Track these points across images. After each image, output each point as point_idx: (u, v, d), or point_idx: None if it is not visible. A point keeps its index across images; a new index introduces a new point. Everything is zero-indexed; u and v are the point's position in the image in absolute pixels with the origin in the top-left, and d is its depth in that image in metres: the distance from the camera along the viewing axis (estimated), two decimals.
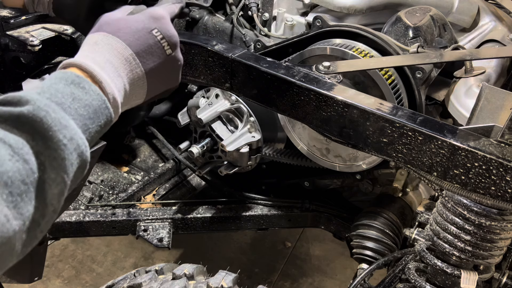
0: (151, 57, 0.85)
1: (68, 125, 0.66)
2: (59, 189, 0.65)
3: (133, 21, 0.85)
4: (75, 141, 0.66)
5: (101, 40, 0.82)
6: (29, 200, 0.60)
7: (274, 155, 1.65)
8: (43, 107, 0.64)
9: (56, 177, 0.64)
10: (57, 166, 0.64)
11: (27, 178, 0.60)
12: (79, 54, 0.81)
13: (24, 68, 1.76)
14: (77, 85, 0.72)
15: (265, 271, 2.62)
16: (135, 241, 2.62)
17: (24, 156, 0.60)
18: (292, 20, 1.61)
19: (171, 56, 0.88)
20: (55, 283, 2.45)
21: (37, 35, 1.67)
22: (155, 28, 0.86)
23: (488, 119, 0.98)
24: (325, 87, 1.04)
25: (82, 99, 0.71)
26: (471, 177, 0.89)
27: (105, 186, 1.93)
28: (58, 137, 0.64)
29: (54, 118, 0.65)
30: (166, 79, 0.89)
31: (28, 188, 0.60)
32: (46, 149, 0.63)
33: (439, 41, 1.35)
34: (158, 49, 0.85)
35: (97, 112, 0.72)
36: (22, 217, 0.59)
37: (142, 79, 0.84)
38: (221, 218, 1.81)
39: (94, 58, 0.78)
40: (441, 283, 1.14)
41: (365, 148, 1.02)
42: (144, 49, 0.83)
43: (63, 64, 0.77)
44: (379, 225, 1.54)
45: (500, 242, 1.05)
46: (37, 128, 0.63)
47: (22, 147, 0.61)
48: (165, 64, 0.87)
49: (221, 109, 1.58)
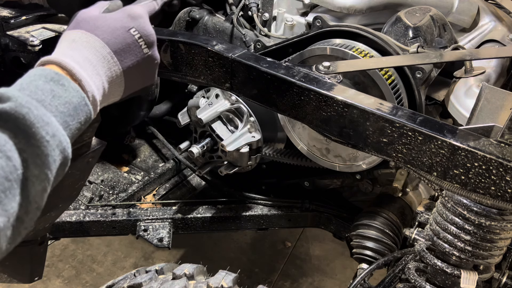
0: (128, 56, 0.85)
1: (50, 122, 0.66)
2: (42, 186, 0.66)
3: (111, 19, 0.85)
4: (57, 137, 0.67)
5: (79, 37, 0.82)
6: (13, 197, 0.60)
7: (274, 155, 1.65)
8: (25, 104, 0.64)
9: (39, 173, 0.64)
10: (40, 163, 0.64)
11: (11, 174, 0.60)
12: (57, 51, 0.80)
13: (24, 68, 1.76)
14: (57, 82, 0.72)
15: (265, 271, 2.62)
16: (135, 241, 2.62)
17: (7, 153, 0.60)
18: (292, 20, 1.61)
19: (148, 55, 0.89)
20: (55, 283, 2.45)
21: (37, 35, 1.67)
22: (133, 27, 0.86)
23: (488, 119, 0.98)
24: (325, 87, 1.04)
25: (62, 96, 0.71)
26: (471, 177, 0.89)
27: (105, 186, 1.93)
28: (41, 133, 0.64)
29: (37, 115, 0.65)
30: (143, 77, 0.90)
31: (11, 184, 0.60)
32: (29, 146, 0.63)
33: (439, 41, 1.35)
34: (136, 47, 0.86)
35: (77, 109, 0.72)
36: (6, 213, 0.59)
37: (120, 77, 0.85)
38: (221, 218, 1.81)
39: (73, 56, 0.78)
40: (441, 283, 1.14)
41: (365, 148, 1.02)
42: (122, 48, 0.84)
43: (41, 61, 0.77)
44: (379, 225, 1.54)
45: (500, 242, 1.05)
46: (20, 125, 0.63)
47: (4, 144, 0.60)
48: (142, 63, 0.88)
49: (221, 109, 1.58)
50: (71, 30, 0.84)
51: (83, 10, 0.89)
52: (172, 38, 1.18)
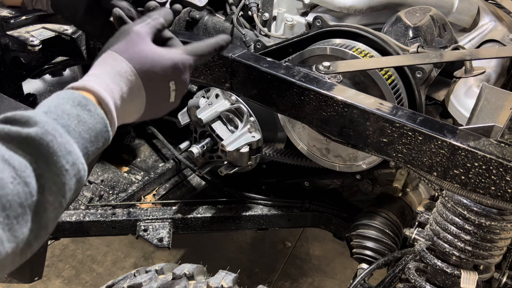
0: (156, 102, 0.87)
1: (72, 150, 0.66)
2: (55, 213, 0.66)
3: (161, 66, 0.84)
4: (76, 166, 0.67)
5: (125, 73, 0.81)
6: (25, 223, 0.61)
7: (274, 155, 1.65)
8: (51, 130, 0.64)
9: (54, 201, 0.65)
10: (57, 191, 0.65)
11: (25, 201, 0.60)
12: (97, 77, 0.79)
13: (24, 68, 1.76)
14: (84, 107, 0.72)
15: (265, 271, 2.62)
16: (135, 241, 2.62)
17: (26, 179, 0.61)
18: (292, 20, 1.61)
19: (171, 103, 0.90)
20: (55, 283, 2.45)
21: (37, 35, 1.67)
22: (173, 80, 0.87)
23: (488, 119, 0.98)
24: (325, 87, 1.04)
25: (87, 122, 0.71)
26: (471, 177, 0.89)
27: (105, 186, 1.93)
28: (61, 162, 0.64)
29: (60, 143, 0.65)
30: (154, 114, 0.91)
31: (25, 211, 0.60)
32: (47, 173, 0.63)
33: (439, 41, 1.35)
34: (165, 96, 0.88)
35: (98, 136, 0.73)
36: (16, 239, 0.60)
37: (139, 113, 0.87)
38: (221, 218, 1.81)
39: (113, 91, 0.78)
40: (441, 283, 1.14)
41: (365, 148, 1.02)
42: (155, 95, 0.85)
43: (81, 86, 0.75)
44: (379, 225, 1.54)
45: (500, 242, 1.05)
46: (42, 152, 0.63)
47: (24, 170, 0.61)
48: (162, 107, 0.90)
49: (221, 109, 1.58)
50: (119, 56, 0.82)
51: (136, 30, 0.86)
52: None
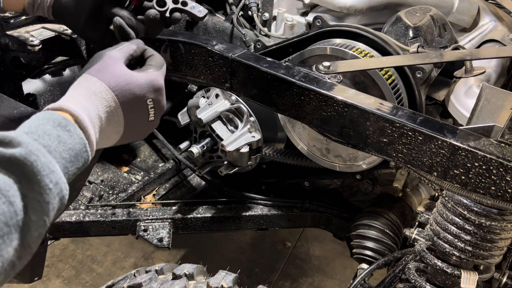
0: (135, 122, 0.89)
1: (54, 170, 0.68)
2: (39, 232, 0.66)
3: (136, 87, 0.87)
4: (59, 185, 0.68)
5: (100, 93, 0.83)
6: (10, 242, 0.61)
7: (274, 155, 1.65)
8: (34, 151, 0.66)
9: (38, 220, 0.65)
10: (40, 210, 0.65)
11: (11, 220, 0.61)
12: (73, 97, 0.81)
13: (24, 68, 1.76)
14: (64, 127, 0.73)
15: (265, 271, 2.62)
16: (135, 241, 2.62)
17: (10, 198, 0.61)
18: (292, 20, 1.61)
19: (151, 122, 0.92)
20: (55, 283, 2.45)
21: (37, 35, 1.66)
22: (151, 98, 0.89)
23: (488, 119, 0.98)
24: (325, 87, 1.04)
25: (67, 142, 0.73)
26: (471, 177, 0.89)
27: (105, 186, 1.93)
28: (45, 181, 0.66)
29: (44, 162, 0.66)
30: (137, 136, 0.94)
31: (10, 230, 0.61)
32: (31, 192, 0.64)
33: (439, 41, 1.35)
34: (145, 115, 0.90)
35: (77, 156, 0.74)
36: (1, 258, 0.60)
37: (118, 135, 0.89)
38: (221, 218, 1.81)
39: (89, 111, 0.80)
40: (441, 283, 1.14)
41: (365, 148, 1.02)
42: (134, 115, 0.88)
43: (54, 106, 0.78)
44: (379, 225, 1.54)
45: (500, 242, 1.05)
46: (26, 172, 0.64)
47: (9, 189, 0.62)
48: (143, 128, 0.92)
49: (221, 109, 1.58)
50: (93, 78, 0.84)
51: (110, 55, 0.89)
52: (172, 38, 1.18)
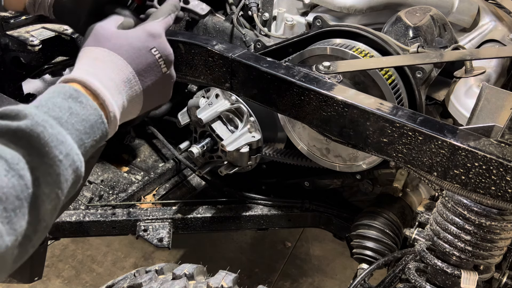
0: (149, 75, 0.86)
1: (64, 141, 0.66)
2: (52, 204, 0.66)
3: (133, 38, 0.85)
4: (71, 157, 0.67)
5: (102, 56, 0.82)
6: (23, 216, 0.61)
7: (274, 155, 1.65)
8: (41, 122, 0.64)
9: (50, 192, 0.64)
10: (52, 182, 0.64)
11: (21, 193, 0.60)
12: (80, 68, 0.80)
13: (24, 68, 1.76)
14: (75, 99, 0.72)
15: (265, 271, 2.62)
16: (135, 241, 2.61)
17: (20, 172, 0.60)
18: (292, 20, 1.61)
19: (166, 74, 0.89)
20: (55, 283, 2.45)
21: (37, 35, 1.67)
22: (154, 47, 0.86)
23: (488, 119, 0.98)
24: (325, 87, 1.04)
25: (79, 114, 0.71)
26: (471, 177, 0.89)
27: (105, 186, 1.93)
28: (54, 153, 0.64)
29: (51, 133, 0.65)
30: (160, 95, 0.91)
31: (22, 203, 0.60)
32: (41, 165, 0.63)
33: (439, 41, 1.35)
34: (156, 67, 0.87)
35: (93, 127, 0.73)
36: (15, 232, 0.60)
37: (139, 96, 0.85)
38: (221, 218, 1.81)
39: (97, 74, 0.78)
40: (441, 283, 1.14)
41: (365, 148, 1.02)
42: (144, 68, 0.84)
43: (64, 79, 0.76)
44: (379, 225, 1.54)
45: (500, 242, 1.05)
46: (34, 143, 0.63)
47: (17, 162, 0.61)
48: (161, 81, 0.89)
49: (221, 109, 1.58)
50: (92, 47, 0.83)
51: (99, 24, 0.87)
52: (172, 37, 1.18)
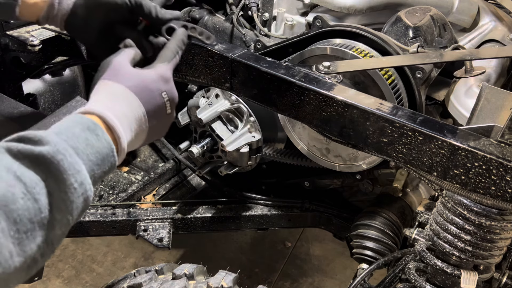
0: (156, 116, 0.91)
1: (80, 170, 0.69)
2: (62, 230, 0.68)
3: (148, 80, 0.90)
4: (84, 186, 0.70)
5: (120, 93, 0.86)
6: (33, 239, 0.63)
7: (274, 155, 1.65)
8: (62, 150, 0.67)
9: (61, 218, 0.67)
10: (64, 208, 0.67)
11: (35, 217, 0.63)
12: (98, 101, 0.84)
13: (24, 68, 1.76)
14: (92, 131, 0.75)
15: (265, 271, 2.62)
16: (135, 241, 2.61)
17: (35, 196, 0.63)
18: (292, 20, 1.61)
19: (169, 114, 0.95)
20: (55, 283, 2.45)
21: (37, 35, 1.66)
22: (165, 91, 0.92)
23: (488, 119, 0.98)
24: (325, 87, 1.04)
25: (94, 146, 0.74)
26: (471, 177, 0.89)
27: (105, 186, 1.93)
28: (70, 180, 0.67)
29: (70, 162, 0.68)
30: (159, 132, 0.97)
31: (34, 226, 0.63)
32: (56, 191, 0.66)
33: (439, 41, 1.35)
34: (162, 109, 0.92)
35: (104, 160, 0.76)
36: (24, 254, 0.62)
37: (144, 133, 0.91)
38: (221, 218, 1.81)
39: (114, 110, 0.82)
40: (441, 283, 1.14)
41: (365, 148, 1.02)
42: (153, 109, 0.90)
43: (84, 110, 0.80)
44: (379, 225, 1.54)
45: (500, 242, 1.05)
46: (53, 170, 0.66)
47: (35, 186, 0.63)
48: (163, 121, 0.94)
49: (221, 109, 1.58)
50: (109, 81, 0.87)
51: (116, 60, 0.91)
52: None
